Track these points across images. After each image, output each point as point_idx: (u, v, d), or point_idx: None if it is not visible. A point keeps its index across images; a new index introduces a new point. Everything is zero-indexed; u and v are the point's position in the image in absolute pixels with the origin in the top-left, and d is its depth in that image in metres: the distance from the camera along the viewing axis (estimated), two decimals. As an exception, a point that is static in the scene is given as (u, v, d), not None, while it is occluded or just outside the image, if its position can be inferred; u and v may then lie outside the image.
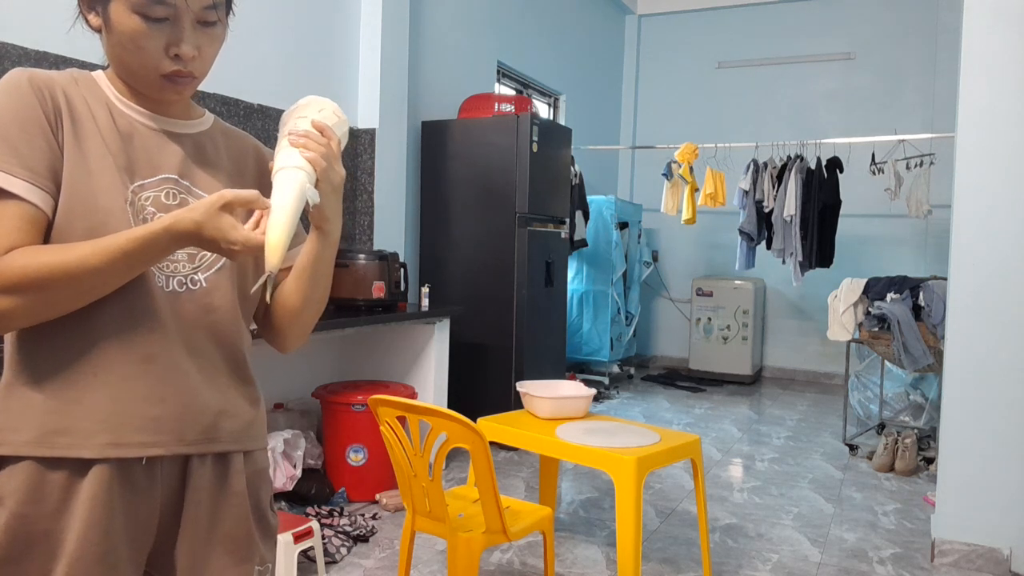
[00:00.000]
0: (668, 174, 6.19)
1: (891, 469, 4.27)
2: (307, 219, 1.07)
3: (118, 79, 1.08)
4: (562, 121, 6.55)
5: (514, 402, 4.07)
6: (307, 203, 1.02)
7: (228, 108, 3.25)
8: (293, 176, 1.01)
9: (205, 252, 1.08)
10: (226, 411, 1.12)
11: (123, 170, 1.04)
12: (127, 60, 1.03)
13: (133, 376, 1.03)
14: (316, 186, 1.04)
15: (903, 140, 5.60)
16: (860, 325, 4.62)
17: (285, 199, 0.99)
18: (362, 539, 3.02)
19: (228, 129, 1.22)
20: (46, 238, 0.99)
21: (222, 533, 1.12)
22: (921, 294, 4.30)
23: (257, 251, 0.96)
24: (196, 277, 1.08)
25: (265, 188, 1.15)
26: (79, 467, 1.01)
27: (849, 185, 5.85)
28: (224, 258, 1.08)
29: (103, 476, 1.01)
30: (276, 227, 0.96)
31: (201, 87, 3.06)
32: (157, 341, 1.04)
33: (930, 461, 4.26)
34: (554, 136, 4.70)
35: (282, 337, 1.21)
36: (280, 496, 3.11)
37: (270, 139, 3.48)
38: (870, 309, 4.53)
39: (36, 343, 1.02)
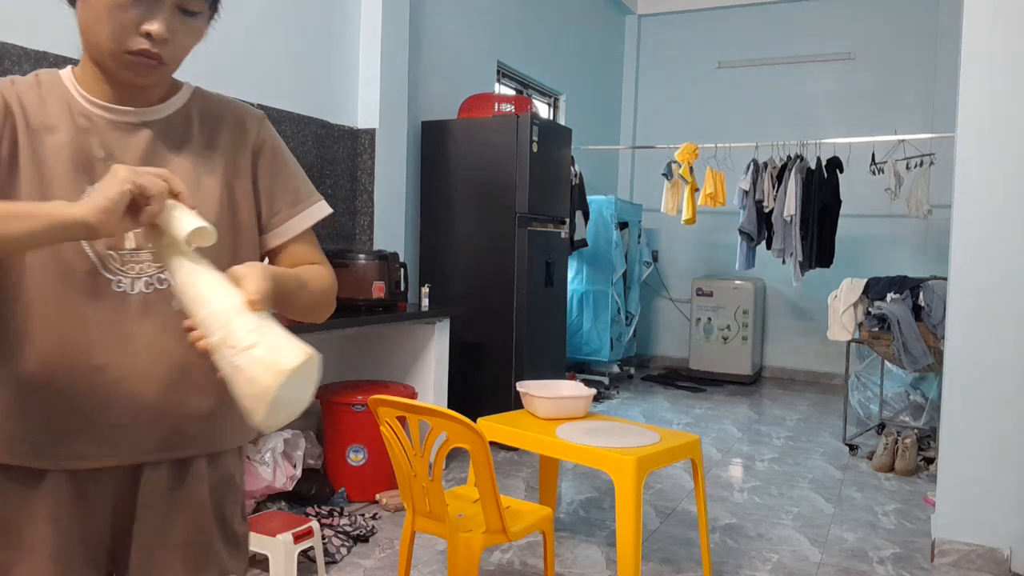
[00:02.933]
0: (668, 174, 6.19)
1: (891, 469, 4.27)
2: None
3: (86, 69, 1.06)
4: (562, 121, 6.55)
5: (514, 402, 4.07)
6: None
7: (228, 108, 3.24)
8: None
9: None
10: (190, 414, 1.08)
11: (81, 170, 1.02)
12: (96, 33, 1.00)
13: (83, 388, 1.02)
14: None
15: (903, 140, 5.60)
16: (860, 325, 4.62)
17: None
18: (362, 539, 3.02)
19: (208, 99, 1.16)
20: None
21: (177, 540, 1.09)
22: (921, 294, 4.29)
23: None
24: (163, 276, 1.06)
25: (240, 160, 1.13)
26: (35, 470, 1.02)
27: (849, 185, 5.85)
28: None
29: (57, 478, 1.03)
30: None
31: (202, 87, 3.07)
32: (109, 351, 1.02)
33: (930, 461, 4.25)
34: (554, 136, 4.70)
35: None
36: (280, 496, 3.11)
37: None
38: (870, 309, 4.53)
39: None
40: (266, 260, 1.17)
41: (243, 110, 1.19)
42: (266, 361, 0.88)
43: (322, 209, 1.21)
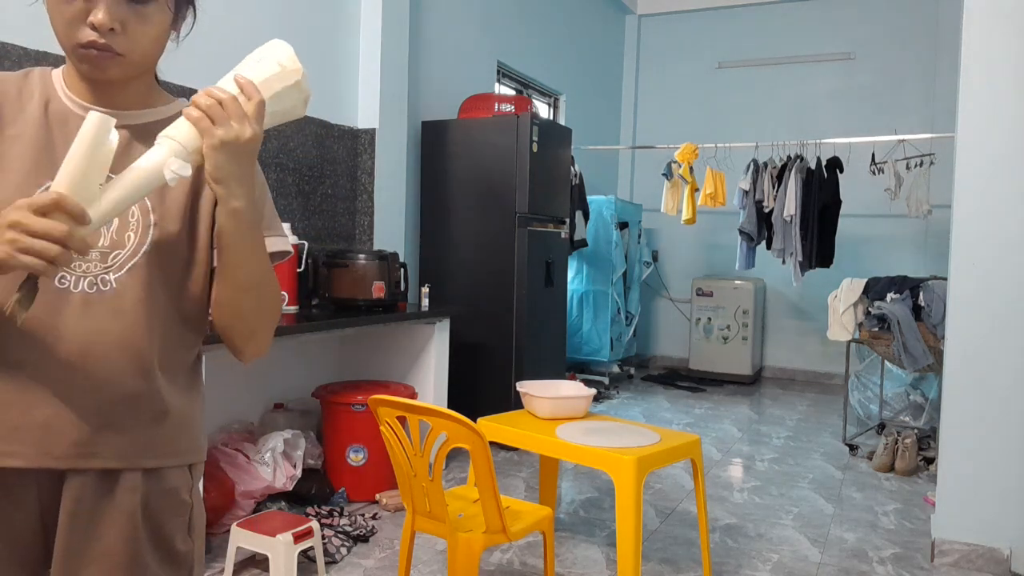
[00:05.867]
0: (668, 174, 6.19)
1: (891, 469, 4.27)
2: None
3: (69, 66, 1.06)
4: (562, 121, 6.55)
5: (514, 402, 4.07)
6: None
7: (228, 108, 3.24)
8: (148, 156, 0.94)
9: (119, 251, 1.02)
10: (113, 424, 1.03)
11: (44, 166, 1.01)
12: (54, 28, 0.99)
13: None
14: (203, 147, 0.96)
15: (903, 140, 5.60)
16: (860, 325, 4.62)
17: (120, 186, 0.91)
18: (362, 539, 3.02)
19: None
20: None
21: (99, 552, 1.03)
22: (921, 294, 4.29)
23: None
24: (107, 278, 1.02)
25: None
26: None
27: (849, 185, 5.85)
28: (135, 258, 1.03)
29: None
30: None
31: (198, 85, 3.07)
32: (31, 347, 0.99)
33: (930, 461, 4.25)
34: (554, 136, 4.70)
35: (228, 340, 1.11)
36: (280, 496, 3.11)
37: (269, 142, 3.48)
38: (870, 309, 4.53)
39: None
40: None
41: None
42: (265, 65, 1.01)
43: (273, 245, 1.12)
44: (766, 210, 5.81)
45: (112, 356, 1.01)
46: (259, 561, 2.70)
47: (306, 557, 2.69)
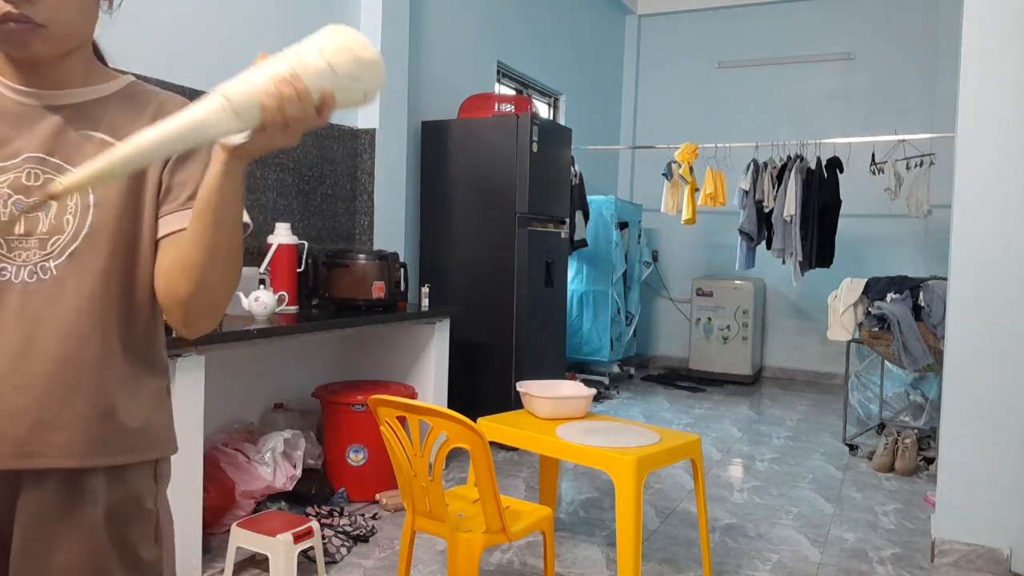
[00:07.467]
0: (668, 174, 6.19)
1: (891, 469, 4.27)
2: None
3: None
4: (562, 121, 6.55)
5: (514, 402, 4.07)
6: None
7: (228, 108, 3.24)
8: (202, 108, 0.87)
9: (57, 237, 0.97)
10: (50, 421, 0.97)
11: None
12: None
13: None
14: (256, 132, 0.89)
15: (903, 140, 5.60)
16: (860, 325, 4.62)
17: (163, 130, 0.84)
18: (362, 539, 3.02)
19: (141, 91, 1.07)
20: None
21: (61, 564, 0.99)
22: (921, 294, 4.30)
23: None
24: (47, 265, 0.97)
25: None
26: None
27: (849, 185, 5.85)
28: (76, 243, 0.98)
29: None
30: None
31: (199, 85, 3.06)
32: None
33: (930, 461, 4.25)
34: (554, 136, 4.70)
35: (184, 313, 1.01)
36: (280, 496, 3.11)
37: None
38: (870, 309, 4.53)
39: None
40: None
41: (170, 97, 1.08)
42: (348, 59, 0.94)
43: None
44: (766, 210, 5.81)
45: (53, 348, 0.97)
46: (259, 561, 2.70)
47: (306, 557, 2.69)
